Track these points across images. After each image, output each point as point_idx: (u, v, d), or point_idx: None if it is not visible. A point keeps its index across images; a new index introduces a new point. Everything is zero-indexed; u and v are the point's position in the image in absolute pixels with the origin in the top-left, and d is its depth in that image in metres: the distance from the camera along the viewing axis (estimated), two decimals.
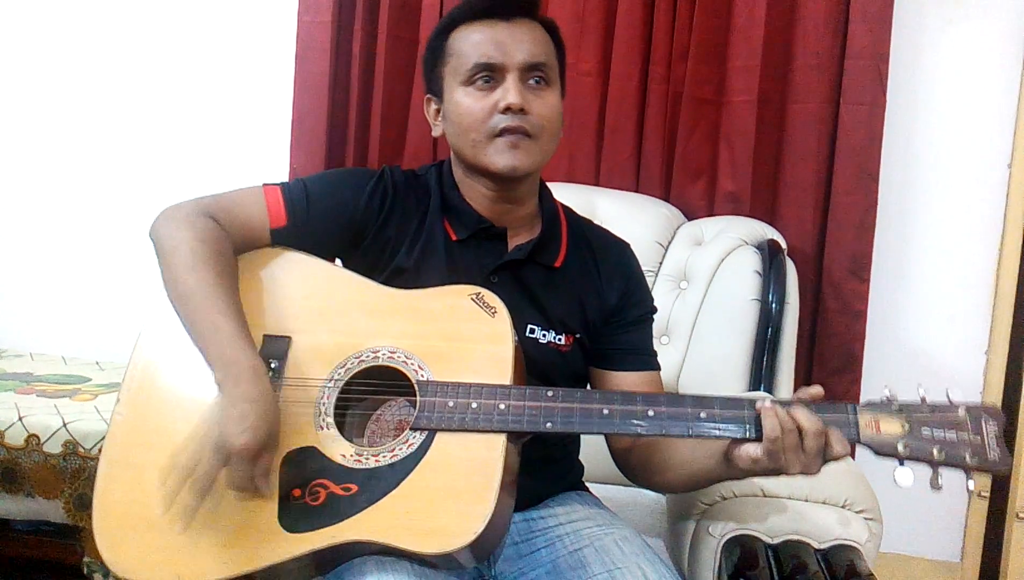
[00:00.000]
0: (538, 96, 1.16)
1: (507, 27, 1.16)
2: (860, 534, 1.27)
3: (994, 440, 0.98)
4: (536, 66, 1.16)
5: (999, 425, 0.99)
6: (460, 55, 1.17)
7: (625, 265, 1.30)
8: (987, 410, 1.00)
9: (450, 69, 1.18)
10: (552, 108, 1.17)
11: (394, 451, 1.03)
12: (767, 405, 1.01)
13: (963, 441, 0.98)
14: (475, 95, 1.15)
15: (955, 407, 1.00)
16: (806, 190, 1.98)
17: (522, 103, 1.13)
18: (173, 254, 1.10)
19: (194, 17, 2.35)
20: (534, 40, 1.17)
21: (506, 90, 1.13)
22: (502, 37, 1.15)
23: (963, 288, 2.07)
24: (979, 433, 0.98)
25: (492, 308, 1.10)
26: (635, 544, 1.13)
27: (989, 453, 0.97)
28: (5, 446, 1.76)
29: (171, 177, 2.34)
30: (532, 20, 1.19)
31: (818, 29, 1.94)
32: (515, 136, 1.13)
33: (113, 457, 1.06)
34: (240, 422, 0.97)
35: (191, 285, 1.07)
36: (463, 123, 1.16)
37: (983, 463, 0.97)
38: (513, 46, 1.15)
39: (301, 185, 1.20)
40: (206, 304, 1.06)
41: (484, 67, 1.15)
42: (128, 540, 1.01)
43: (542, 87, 1.17)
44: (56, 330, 2.43)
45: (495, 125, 1.14)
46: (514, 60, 1.14)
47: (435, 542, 0.96)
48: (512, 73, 1.14)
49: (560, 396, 1.05)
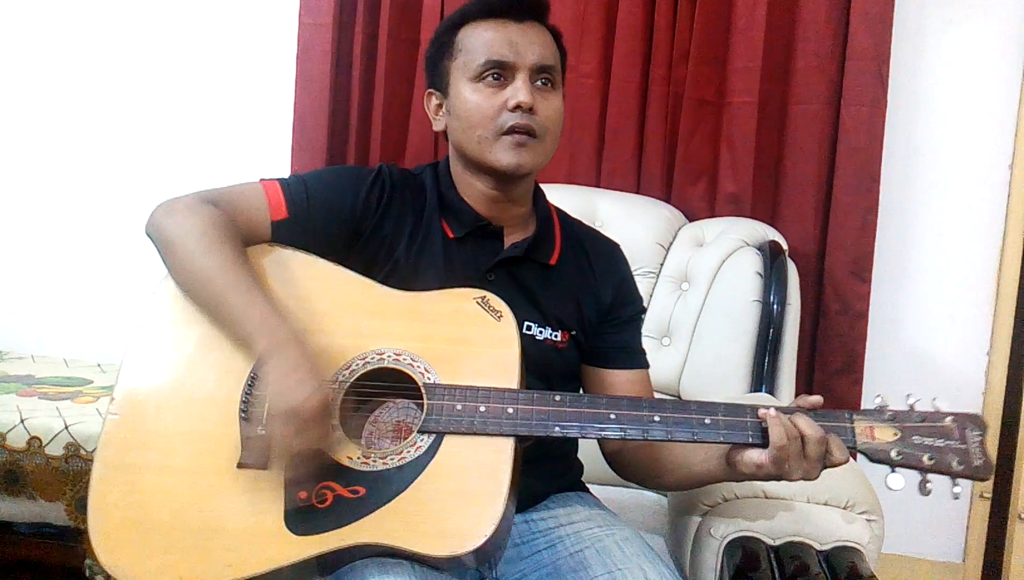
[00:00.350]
0: (545, 98, 1.17)
1: (519, 28, 1.17)
2: (862, 535, 1.27)
3: (978, 448, 1.03)
4: (545, 68, 1.17)
5: (982, 433, 1.04)
6: (470, 51, 1.18)
7: (617, 265, 1.32)
8: (971, 419, 1.05)
9: (458, 64, 1.19)
10: (557, 111, 1.19)
11: (402, 454, 1.03)
12: (773, 413, 1.03)
13: (950, 449, 1.03)
14: (484, 92, 1.16)
15: (942, 416, 1.05)
16: (807, 191, 1.98)
17: (532, 102, 1.14)
18: (183, 240, 1.09)
19: (195, 19, 2.35)
20: (544, 43, 1.18)
21: (516, 89, 1.15)
22: (515, 37, 1.16)
23: (964, 289, 2.07)
24: (964, 441, 1.03)
25: (498, 312, 1.10)
26: (636, 545, 1.13)
27: (973, 460, 1.02)
28: (7, 448, 1.76)
29: (173, 179, 2.32)
30: (542, 24, 1.21)
31: (819, 30, 1.94)
32: (522, 135, 1.14)
33: (108, 459, 1.05)
34: (301, 387, 0.99)
35: (210, 267, 1.07)
36: (471, 119, 1.17)
37: (968, 470, 1.02)
38: (525, 47, 1.16)
39: (300, 181, 1.20)
40: (232, 282, 1.06)
41: (496, 64, 1.16)
42: (126, 544, 1.00)
43: (548, 89, 1.18)
44: (58, 332, 2.44)
45: (503, 123, 1.14)
46: (525, 60, 1.16)
47: (445, 545, 0.96)
48: (523, 73, 1.15)
49: (568, 401, 1.06)
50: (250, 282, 1.07)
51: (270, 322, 1.04)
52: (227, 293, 1.06)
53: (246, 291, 1.06)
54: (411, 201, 1.23)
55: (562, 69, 1.24)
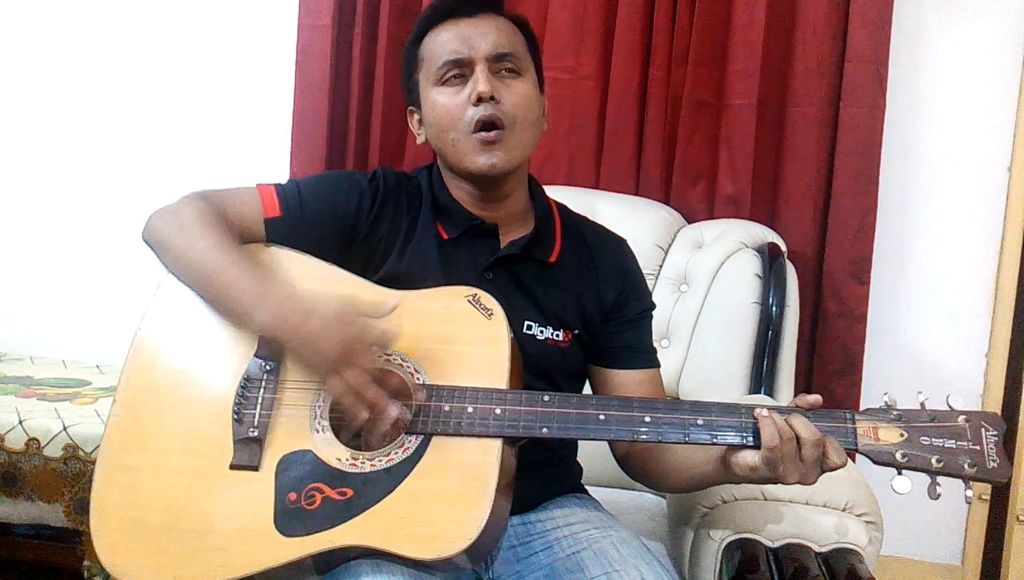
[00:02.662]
0: (508, 86, 1.17)
1: (471, 22, 1.18)
2: (861, 537, 1.26)
3: (993, 449, 0.97)
4: (504, 56, 1.17)
5: (999, 433, 0.98)
6: (430, 57, 1.19)
7: (622, 261, 1.30)
8: (987, 418, 0.99)
9: (423, 74, 1.20)
10: (524, 97, 1.18)
11: (390, 455, 1.02)
12: (765, 413, 1.01)
13: (962, 450, 0.98)
14: (447, 92, 1.17)
15: (955, 415, 1.00)
16: (806, 193, 1.98)
17: (491, 91, 1.14)
18: (175, 235, 1.10)
19: (194, 21, 2.35)
20: (499, 31, 1.18)
21: (475, 81, 1.15)
22: (467, 32, 1.17)
23: (963, 290, 2.07)
24: (978, 442, 0.98)
25: (488, 310, 1.10)
26: (633, 547, 1.13)
27: (988, 462, 0.97)
28: (5, 450, 1.76)
29: (172, 180, 2.32)
30: (497, 15, 1.20)
31: (818, 32, 1.94)
32: (489, 132, 1.14)
33: (109, 460, 1.06)
34: (321, 339, 1.00)
35: (200, 251, 1.08)
36: (441, 123, 1.17)
37: (981, 472, 0.97)
38: (478, 39, 1.16)
39: (294, 184, 1.21)
40: (222, 262, 1.07)
41: (453, 63, 1.16)
42: (126, 543, 1.01)
43: (513, 77, 1.18)
44: (56, 333, 2.43)
45: (470, 119, 1.14)
46: (480, 51, 1.16)
47: (431, 547, 0.96)
48: (480, 64, 1.15)
49: (556, 401, 1.05)
50: (240, 260, 1.07)
51: (263, 293, 1.04)
52: (218, 274, 1.07)
53: (236, 269, 1.06)
54: (406, 204, 1.23)
55: (533, 56, 1.23)
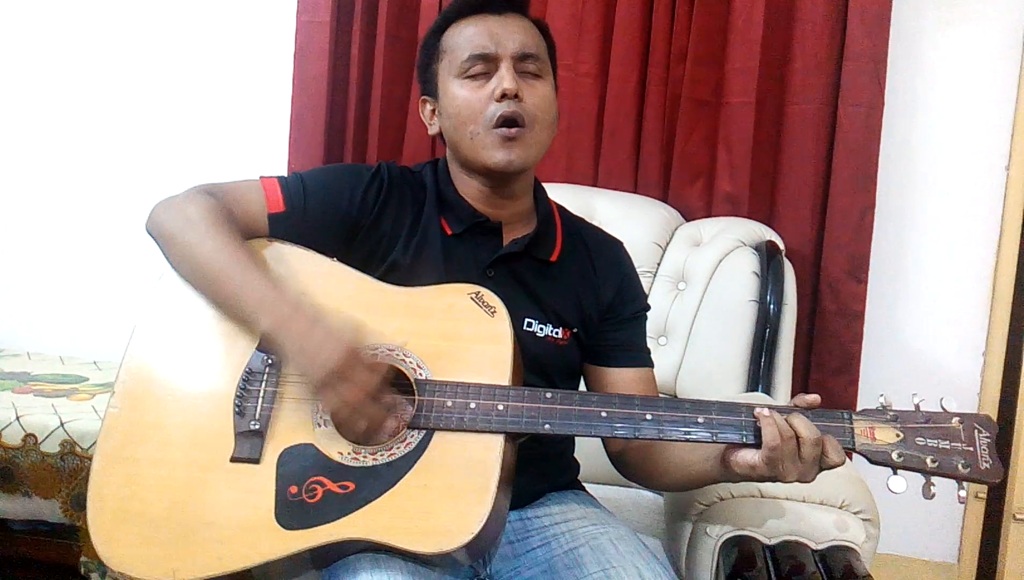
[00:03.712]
0: (531, 86, 1.17)
1: (499, 20, 1.19)
2: (857, 535, 1.27)
3: (986, 450, 0.99)
4: (529, 56, 1.18)
5: (992, 435, 1.00)
6: (454, 50, 1.19)
7: (619, 262, 1.32)
8: (980, 420, 1.01)
9: (444, 65, 1.20)
10: (545, 99, 1.19)
11: (392, 450, 1.03)
12: (766, 413, 1.01)
13: (956, 451, 1.00)
14: (470, 86, 1.17)
15: (949, 416, 1.02)
16: (804, 191, 1.98)
17: (517, 89, 1.14)
18: (182, 230, 1.10)
19: (192, 17, 2.35)
20: (526, 32, 1.19)
21: (501, 77, 1.15)
22: (495, 29, 1.17)
23: (961, 289, 2.07)
24: (972, 443, 1.00)
25: (491, 307, 1.10)
26: (631, 543, 1.13)
27: (981, 463, 0.99)
28: (2, 446, 1.76)
29: (170, 176, 2.30)
30: (523, 16, 1.21)
31: (816, 31, 1.94)
32: (510, 129, 1.14)
33: (108, 452, 1.06)
34: (321, 349, 1.00)
35: (207, 251, 1.08)
36: (461, 115, 1.17)
37: (975, 473, 0.99)
38: (506, 37, 1.17)
39: (297, 178, 1.21)
40: (229, 264, 1.07)
41: (479, 57, 1.17)
42: (123, 535, 1.01)
43: (535, 78, 1.19)
44: (53, 329, 2.43)
45: (492, 114, 1.15)
46: (507, 49, 1.16)
47: (432, 542, 0.96)
48: (506, 62, 1.16)
49: (559, 398, 1.06)
50: (247, 263, 1.07)
51: (269, 298, 1.05)
52: (224, 275, 1.07)
53: (243, 271, 1.07)
54: (410, 199, 1.23)
55: (551, 61, 1.24)
